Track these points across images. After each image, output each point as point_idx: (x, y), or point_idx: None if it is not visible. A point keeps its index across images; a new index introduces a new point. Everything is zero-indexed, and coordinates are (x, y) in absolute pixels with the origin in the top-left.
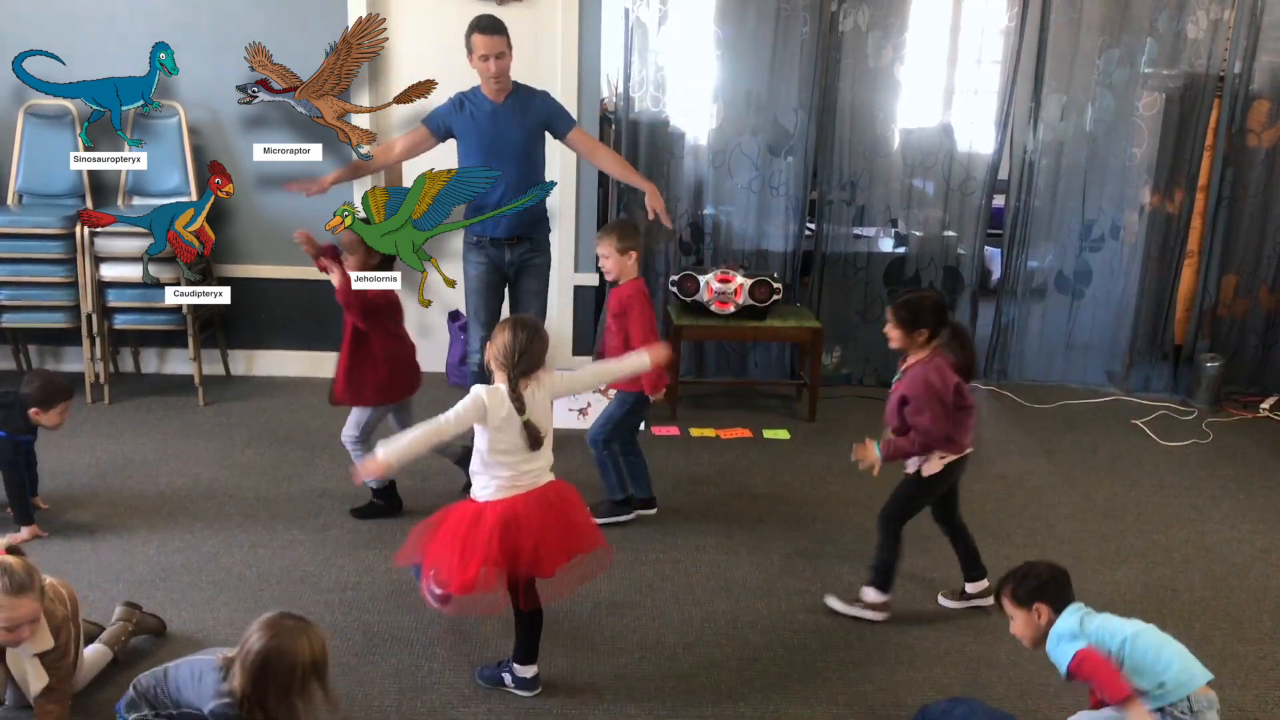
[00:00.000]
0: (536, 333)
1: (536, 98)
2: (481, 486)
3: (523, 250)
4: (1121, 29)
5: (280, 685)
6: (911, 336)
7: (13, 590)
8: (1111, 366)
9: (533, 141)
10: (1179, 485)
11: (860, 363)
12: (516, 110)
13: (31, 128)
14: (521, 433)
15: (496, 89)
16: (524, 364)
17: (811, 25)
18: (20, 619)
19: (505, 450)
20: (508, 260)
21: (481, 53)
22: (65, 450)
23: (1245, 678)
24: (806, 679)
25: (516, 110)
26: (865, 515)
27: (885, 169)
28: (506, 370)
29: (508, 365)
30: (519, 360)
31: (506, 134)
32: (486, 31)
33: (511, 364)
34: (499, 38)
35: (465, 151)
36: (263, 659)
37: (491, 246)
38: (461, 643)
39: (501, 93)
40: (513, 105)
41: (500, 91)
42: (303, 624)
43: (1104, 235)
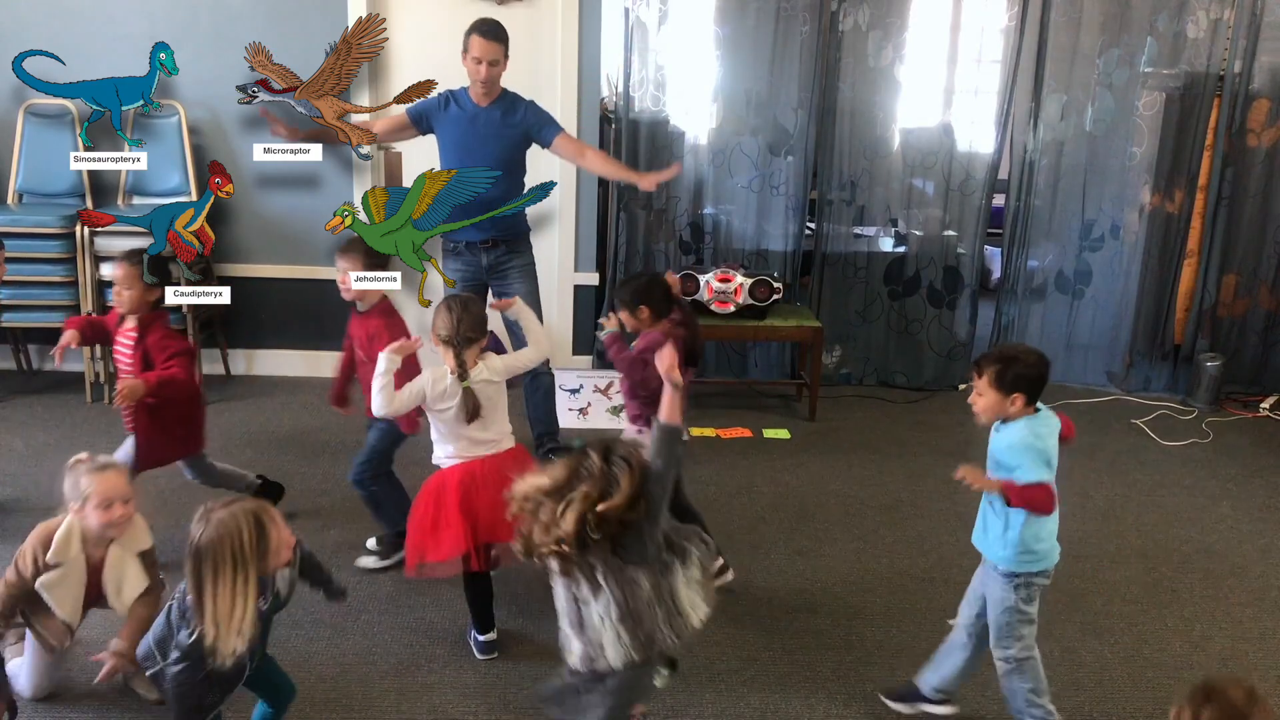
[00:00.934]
0: (467, 306)
1: (521, 107)
2: (444, 455)
3: (499, 254)
4: (1121, 28)
5: (214, 573)
6: (635, 316)
7: (97, 467)
8: (1111, 366)
9: (510, 151)
10: (1179, 485)
11: (860, 362)
12: (497, 117)
13: (31, 128)
14: (460, 403)
15: (482, 93)
16: (464, 332)
17: (811, 25)
18: (112, 493)
19: (451, 422)
20: (485, 265)
21: (475, 55)
22: (65, 450)
23: (1245, 677)
24: (806, 679)
25: (497, 117)
26: (865, 515)
27: (885, 169)
28: (450, 343)
29: (451, 337)
30: (459, 329)
31: (484, 140)
32: (485, 36)
33: (455, 334)
34: (496, 44)
35: (442, 150)
36: (195, 554)
37: (467, 252)
38: (460, 642)
39: (486, 98)
40: (494, 112)
41: (485, 96)
42: (228, 505)
43: (1104, 235)
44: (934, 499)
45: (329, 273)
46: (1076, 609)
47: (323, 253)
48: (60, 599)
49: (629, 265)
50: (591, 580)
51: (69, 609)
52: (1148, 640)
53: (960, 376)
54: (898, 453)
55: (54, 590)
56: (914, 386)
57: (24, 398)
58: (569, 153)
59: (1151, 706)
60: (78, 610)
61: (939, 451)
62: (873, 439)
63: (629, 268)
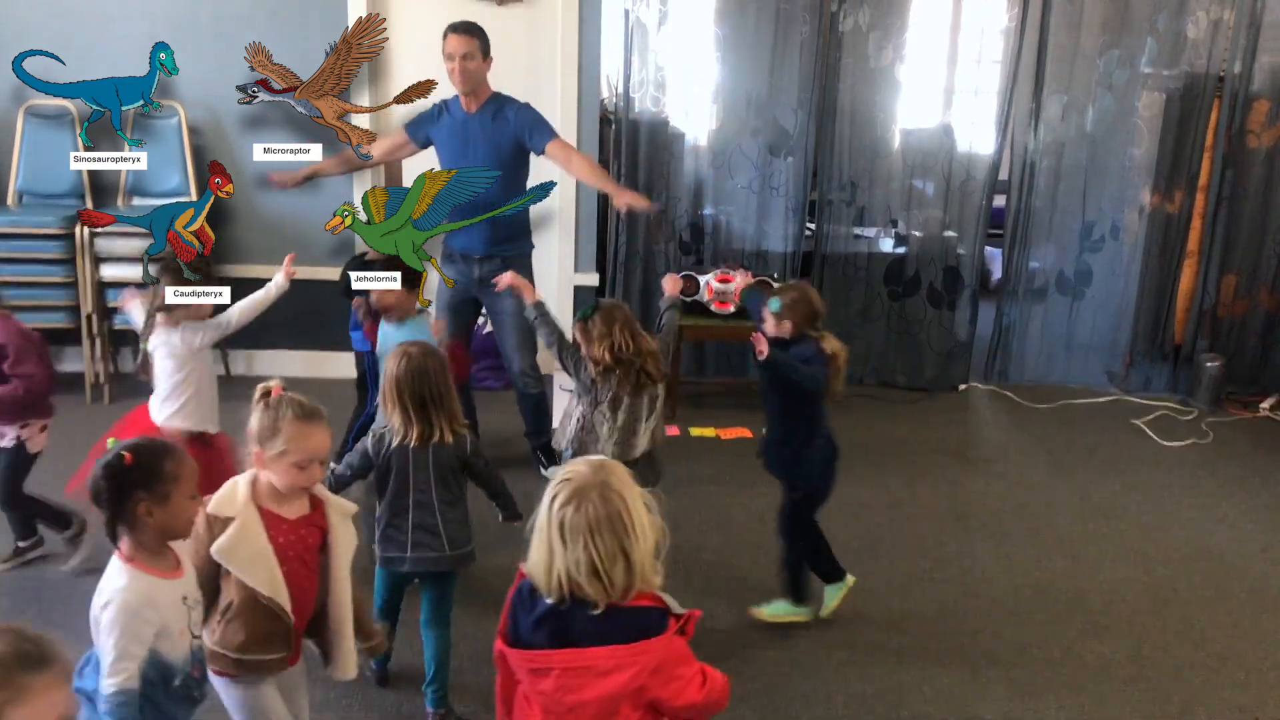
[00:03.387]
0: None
1: (512, 110)
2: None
3: (492, 268)
4: (1122, 29)
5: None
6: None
7: (303, 416)
8: (1112, 367)
9: (500, 155)
10: (1179, 485)
11: (860, 362)
12: (486, 122)
13: (31, 128)
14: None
15: (464, 94)
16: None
17: (811, 25)
18: (314, 452)
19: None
20: (476, 277)
21: (448, 52)
22: (65, 451)
23: (1245, 677)
24: (806, 679)
25: (486, 122)
26: (865, 515)
27: (885, 169)
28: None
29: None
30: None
31: (474, 146)
32: (455, 31)
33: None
34: (467, 38)
35: (439, 160)
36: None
37: (462, 261)
38: (459, 642)
39: (472, 101)
40: (484, 117)
41: (470, 99)
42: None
43: (1104, 236)
44: (934, 499)
45: (329, 273)
46: (1076, 609)
47: (323, 253)
48: (244, 565)
49: (629, 266)
50: (593, 389)
51: (266, 580)
52: (1148, 640)
53: (960, 377)
54: (898, 453)
55: (233, 555)
56: (914, 386)
57: None
58: (560, 159)
59: (1151, 706)
60: (279, 584)
61: (939, 451)
62: (873, 439)
63: (629, 268)
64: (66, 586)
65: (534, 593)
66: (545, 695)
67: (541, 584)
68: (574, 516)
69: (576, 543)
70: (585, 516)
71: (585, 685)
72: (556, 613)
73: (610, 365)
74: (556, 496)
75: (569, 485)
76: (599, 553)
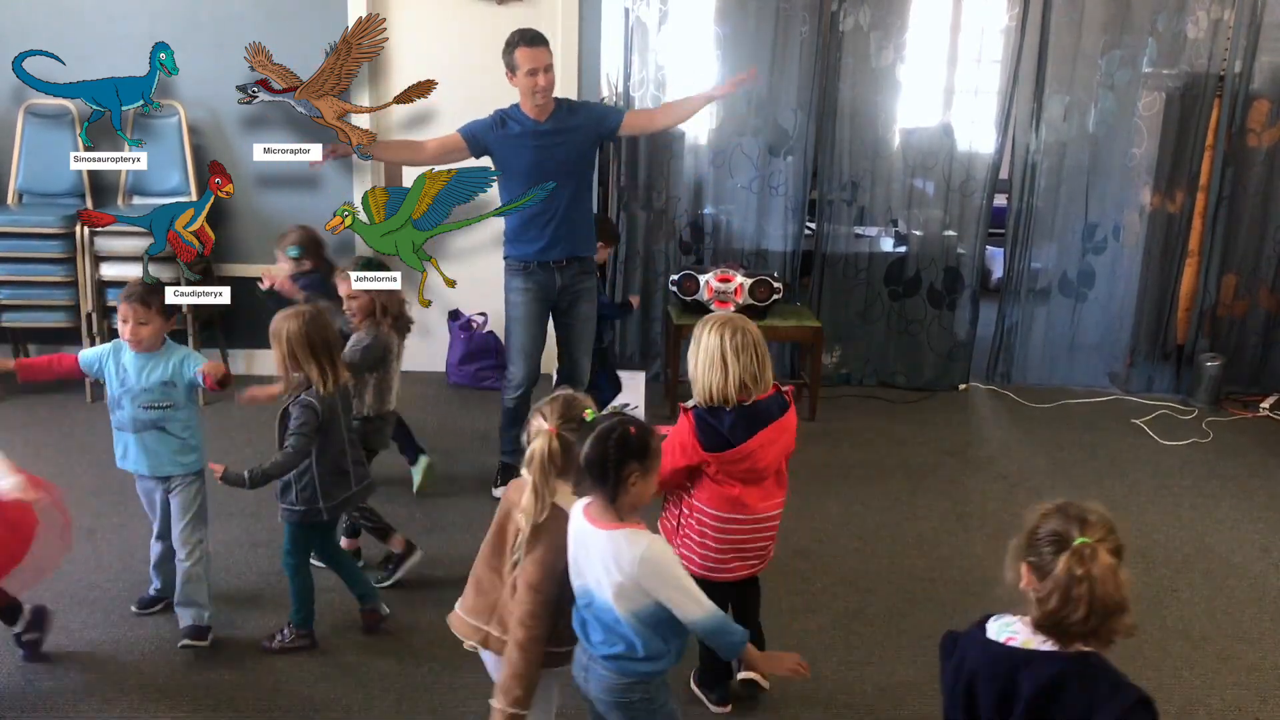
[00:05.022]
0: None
1: (580, 111)
2: None
3: (573, 273)
4: (1122, 29)
5: None
6: None
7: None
8: (1113, 367)
9: (582, 158)
10: (1179, 485)
11: (860, 363)
12: (561, 128)
13: (31, 127)
14: None
15: (542, 105)
16: None
17: (811, 25)
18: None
19: None
20: (559, 285)
21: (529, 67)
22: (65, 450)
23: (1245, 677)
24: (807, 679)
25: (561, 128)
26: (865, 514)
27: (886, 169)
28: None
29: None
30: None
31: (555, 154)
32: (533, 44)
33: None
34: (546, 49)
35: (507, 172)
36: None
37: (540, 271)
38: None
39: (545, 110)
40: (557, 124)
41: (544, 109)
42: None
43: (1107, 237)
44: (934, 499)
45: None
46: None
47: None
48: None
49: (629, 265)
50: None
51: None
52: (1148, 640)
53: (961, 377)
54: (898, 453)
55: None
56: (914, 387)
57: (24, 398)
58: (641, 124)
59: None
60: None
61: (939, 451)
62: (873, 439)
63: (629, 268)
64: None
65: (711, 411)
66: (745, 470)
67: (718, 396)
68: (737, 338)
69: (743, 356)
70: (743, 338)
71: (768, 450)
72: (741, 410)
73: None
74: (713, 330)
75: (718, 322)
76: (757, 359)
